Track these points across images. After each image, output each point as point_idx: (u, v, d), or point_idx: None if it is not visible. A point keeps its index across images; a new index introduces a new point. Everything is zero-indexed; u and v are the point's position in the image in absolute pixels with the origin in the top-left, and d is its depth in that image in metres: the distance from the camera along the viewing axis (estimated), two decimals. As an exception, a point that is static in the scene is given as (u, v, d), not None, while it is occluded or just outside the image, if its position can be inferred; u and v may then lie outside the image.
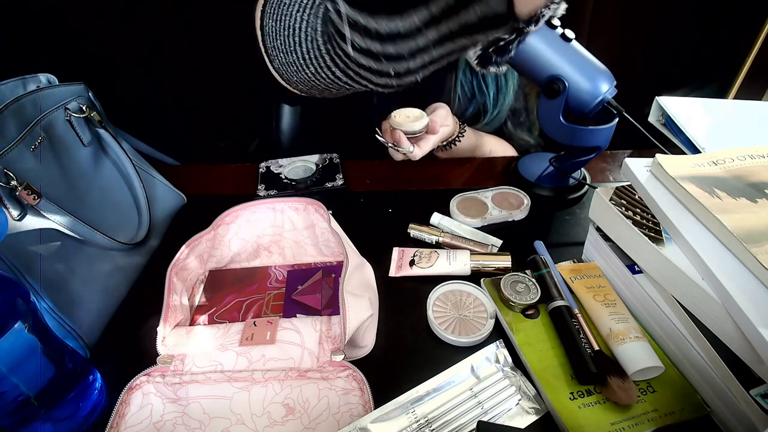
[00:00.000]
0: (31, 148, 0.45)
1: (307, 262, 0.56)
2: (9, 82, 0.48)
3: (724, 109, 0.64)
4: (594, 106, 0.57)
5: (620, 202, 0.48)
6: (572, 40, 0.57)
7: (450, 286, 0.52)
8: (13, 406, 0.36)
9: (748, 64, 1.07)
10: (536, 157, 0.73)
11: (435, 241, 0.59)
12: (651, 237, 0.43)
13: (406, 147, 0.62)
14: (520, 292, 0.49)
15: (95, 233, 0.48)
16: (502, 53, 0.57)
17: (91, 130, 0.53)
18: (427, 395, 0.41)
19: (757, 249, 0.35)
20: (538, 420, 0.40)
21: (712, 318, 0.37)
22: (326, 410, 0.41)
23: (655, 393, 0.41)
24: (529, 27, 0.55)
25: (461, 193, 0.66)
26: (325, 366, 0.42)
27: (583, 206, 0.66)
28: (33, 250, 0.44)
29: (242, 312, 0.50)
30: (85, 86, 0.54)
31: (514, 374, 0.43)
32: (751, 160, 0.45)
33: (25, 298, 0.36)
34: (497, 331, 0.48)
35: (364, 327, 0.44)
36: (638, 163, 0.47)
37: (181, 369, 0.43)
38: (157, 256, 0.58)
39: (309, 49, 0.50)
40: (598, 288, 0.49)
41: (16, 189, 0.41)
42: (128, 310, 0.52)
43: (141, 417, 0.41)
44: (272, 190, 0.68)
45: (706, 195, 0.41)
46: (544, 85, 0.58)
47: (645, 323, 0.46)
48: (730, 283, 0.35)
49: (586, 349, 0.42)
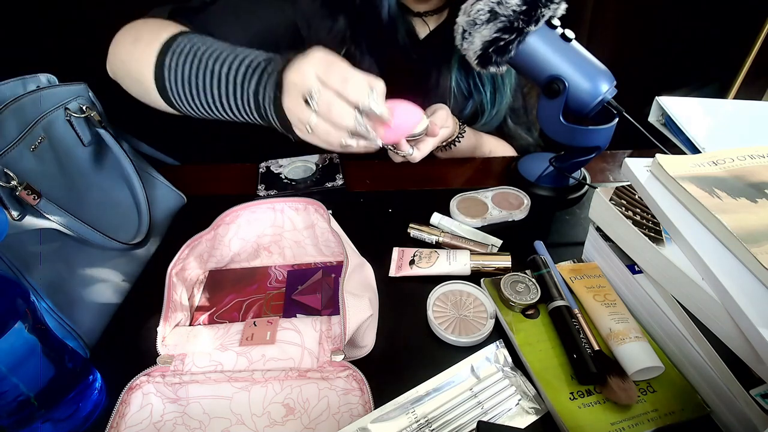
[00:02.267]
0: (31, 148, 0.45)
1: (307, 262, 0.56)
2: (9, 82, 0.47)
3: (724, 109, 0.64)
4: (594, 106, 0.57)
5: (620, 202, 0.48)
6: (572, 40, 0.57)
7: (450, 286, 0.52)
8: (13, 406, 0.36)
9: (748, 64, 1.08)
10: (536, 157, 0.73)
11: (435, 241, 0.59)
12: (651, 237, 0.43)
13: (406, 150, 0.62)
14: (520, 292, 0.49)
15: (95, 233, 0.48)
16: (501, 53, 0.57)
17: (92, 130, 0.53)
18: (427, 395, 0.41)
19: (757, 249, 0.35)
20: (538, 420, 0.40)
21: (712, 318, 0.37)
22: (326, 410, 0.41)
23: (655, 393, 0.41)
24: (529, 27, 0.55)
25: (461, 193, 0.66)
26: (325, 366, 0.42)
27: (583, 206, 0.66)
28: (33, 250, 0.44)
29: (242, 312, 0.50)
30: (85, 86, 0.54)
31: (514, 374, 0.43)
32: (751, 160, 0.45)
33: (25, 298, 0.36)
34: (497, 331, 0.48)
35: (364, 327, 0.44)
36: (638, 163, 0.47)
37: (181, 369, 0.43)
38: (157, 256, 0.58)
39: (236, 102, 0.49)
40: (598, 288, 0.49)
41: (16, 189, 0.41)
42: (128, 310, 0.52)
43: (141, 417, 0.41)
44: (272, 190, 0.68)
45: (706, 195, 0.41)
46: (544, 85, 0.58)
47: (645, 323, 0.46)
48: (730, 283, 0.35)
49: (586, 349, 0.42)
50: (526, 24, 0.54)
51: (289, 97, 0.42)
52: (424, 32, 0.75)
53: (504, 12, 0.54)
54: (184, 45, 0.51)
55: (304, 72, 0.40)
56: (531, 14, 0.54)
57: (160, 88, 0.54)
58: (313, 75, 0.40)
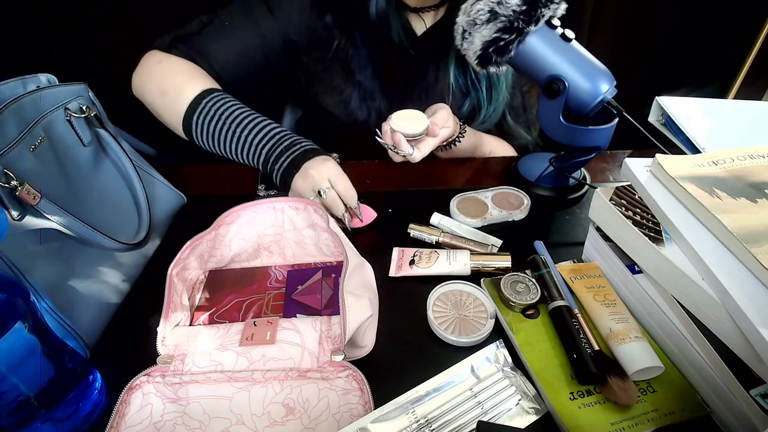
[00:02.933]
0: (31, 148, 0.45)
1: (307, 262, 0.56)
2: (9, 82, 0.47)
3: (724, 109, 0.64)
4: (594, 106, 0.57)
5: (620, 202, 0.48)
6: (572, 40, 0.57)
7: (450, 286, 0.52)
8: (13, 406, 0.36)
9: (748, 64, 1.07)
10: (536, 157, 0.73)
11: (435, 241, 0.59)
12: (651, 237, 0.43)
13: (406, 150, 0.62)
14: (520, 292, 0.49)
15: (95, 233, 0.47)
16: (501, 53, 0.57)
17: (92, 130, 0.53)
18: (427, 395, 0.41)
19: (757, 249, 0.35)
20: (538, 420, 0.40)
21: (712, 318, 0.37)
22: (326, 410, 0.41)
23: (655, 393, 0.41)
24: (529, 27, 0.55)
25: (461, 193, 0.66)
26: (325, 366, 0.42)
27: (583, 206, 0.66)
28: (33, 250, 0.44)
29: (242, 312, 0.50)
30: (85, 86, 0.54)
31: (514, 374, 0.43)
32: (751, 160, 0.45)
33: (25, 298, 0.36)
34: (497, 331, 0.48)
35: (364, 327, 0.44)
36: (638, 163, 0.47)
37: (181, 369, 0.43)
38: (157, 256, 0.58)
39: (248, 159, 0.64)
40: (598, 288, 0.49)
41: (16, 189, 0.41)
42: (128, 310, 0.52)
43: (141, 417, 0.40)
44: (272, 190, 0.68)
45: (706, 195, 0.41)
46: (544, 85, 0.58)
47: (645, 323, 0.46)
48: (730, 283, 0.35)
49: (586, 349, 0.42)
50: (526, 24, 0.54)
51: (303, 180, 0.59)
52: (421, 29, 0.75)
53: (504, 12, 0.54)
54: (210, 107, 0.64)
55: (322, 173, 0.58)
56: (531, 14, 0.54)
57: (186, 131, 0.67)
58: (326, 177, 0.58)
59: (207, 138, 0.65)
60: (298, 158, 0.60)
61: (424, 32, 0.75)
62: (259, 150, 0.62)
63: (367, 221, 0.63)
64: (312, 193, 0.59)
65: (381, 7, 0.70)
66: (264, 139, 0.62)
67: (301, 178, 0.59)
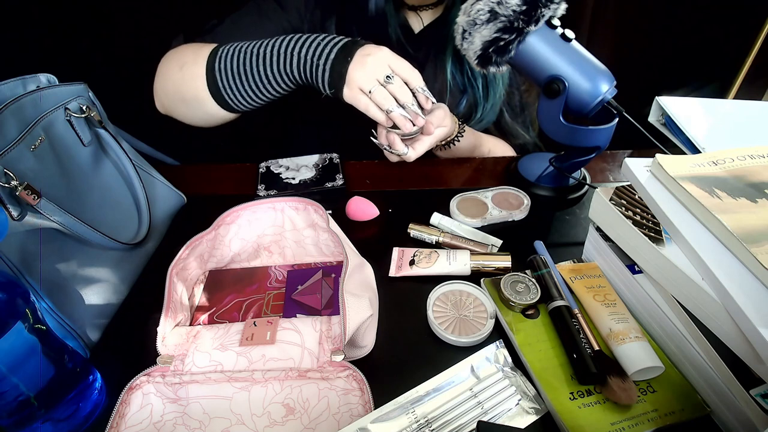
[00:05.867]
0: (31, 148, 0.45)
1: (307, 262, 0.56)
2: (9, 82, 0.47)
3: (724, 109, 0.64)
4: (594, 106, 0.57)
5: (620, 202, 0.48)
6: (572, 40, 0.57)
7: (450, 286, 0.52)
8: (13, 406, 0.36)
9: (748, 64, 1.07)
10: (536, 157, 0.73)
11: (435, 241, 0.59)
12: (651, 237, 0.43)
13: (401, 149, 0.62)
14: (520, 292, 0.49)
15: (95, 233, 0.48)
16: (501, 53, 0.57)
17: (91, 130, 0.53)
18: (427, 395, 0.41)
19: (757, 249, 0.35)
20: (538, 420, 0.40)
21: (712, 318, 0.37)
22: (326, 410, 0.41)
23: (655, 393, 0.41)
24: (529, 27, 0.55)
25: (461, 193, 0.66)
26: (325, 366, 0.42)
27: (583, 206, 0.66)
28: (33, 250, 0.44)
29: (242, 312, 0.50)
30: (85, 86, 0.54)
31: (514, 374, 0.43)
32: (751, 160, 0.45)
33: (25, 298, 0.36)
34: (497, 331, 0.48)
35: (364, 327, 0.44)
36: (638, 163, 0.47)
37: (181, 369, 0.43)
38: (157, 256, 0.58)
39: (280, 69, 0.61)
40: (598, 288, 0.49)
41: (16, 189, 0.41)
42: (128, 310, 0.52)
43: (141, 417, 0.41)
44: (272, 190, 0.68)
45: (706, 195, 0.41)
46: (544, 85, 0.58)
47: (645, 323, 0.46)
48: (730, 283, 0.35)
49: (586, 349, 0.42)
50: (526, 24, 0.54)
51: (361, 69, 0.54)
52: (418, 27, 0.76)
53: (504, 12, 0.54)
54: (228, 48, 0.62)
55: (381, 59, 0.54)
56: (531, 14, 0.54)
57: (214, 93, 0.64)
58: (386, 63, 0.54)
59: (233, 78, 0.62)
60: (348, 45, 0.56)
61: (421, 30, 0.75)
62: (296, 55, 0.58)
63: (368, 217, 0.63)
64: (374, 83, 0.54)
65: (379, 5, 0.70)
66: (297, 46, 0.58)
67: (360, 67, 0.55)
